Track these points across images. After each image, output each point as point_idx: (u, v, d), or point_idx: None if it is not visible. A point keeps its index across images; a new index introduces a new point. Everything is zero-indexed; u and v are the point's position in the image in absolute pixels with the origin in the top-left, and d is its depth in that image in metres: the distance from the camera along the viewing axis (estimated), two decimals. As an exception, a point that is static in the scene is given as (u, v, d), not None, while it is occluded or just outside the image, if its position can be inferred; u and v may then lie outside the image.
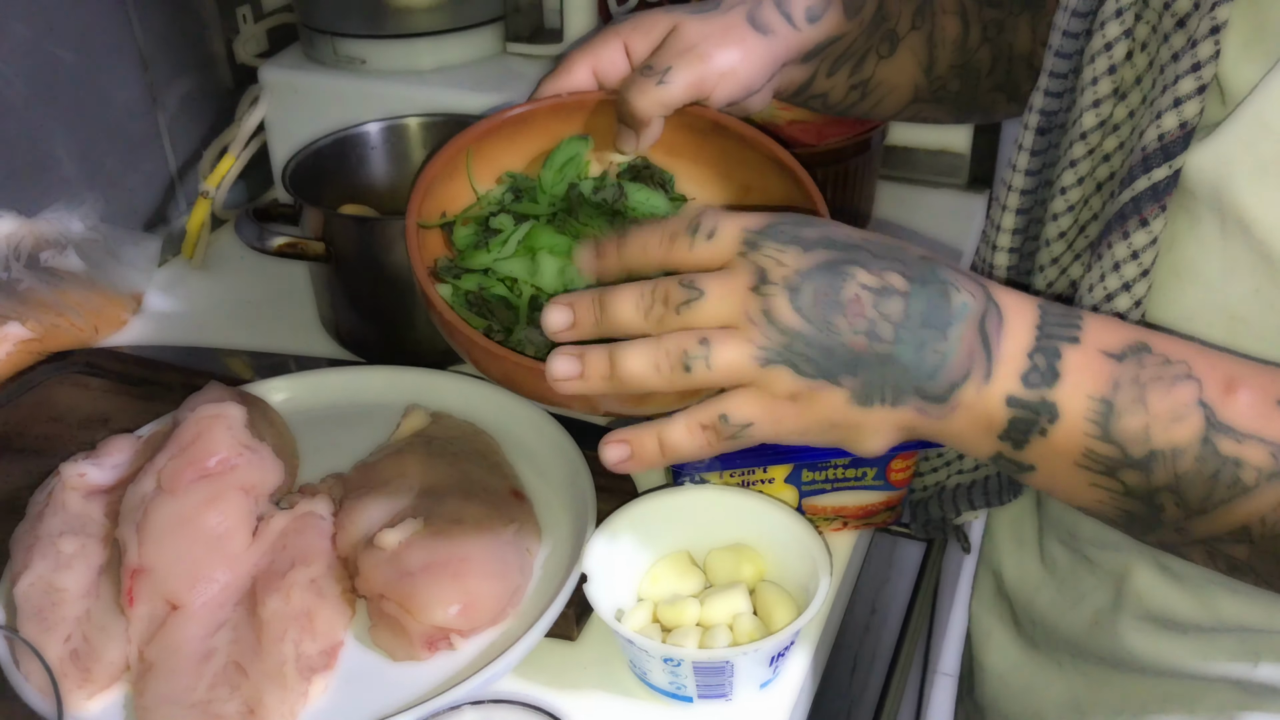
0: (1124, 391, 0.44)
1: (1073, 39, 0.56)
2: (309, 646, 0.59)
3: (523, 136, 0.63)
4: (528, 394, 0.53)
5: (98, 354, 0.86)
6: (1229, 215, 0.50)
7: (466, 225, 0.61)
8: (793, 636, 0.58)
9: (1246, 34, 0.48)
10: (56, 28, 0.88)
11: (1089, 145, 0.56)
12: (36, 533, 0.64)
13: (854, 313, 0.45)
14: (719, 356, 0.46)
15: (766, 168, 0.62)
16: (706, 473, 0.65)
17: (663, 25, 0.61)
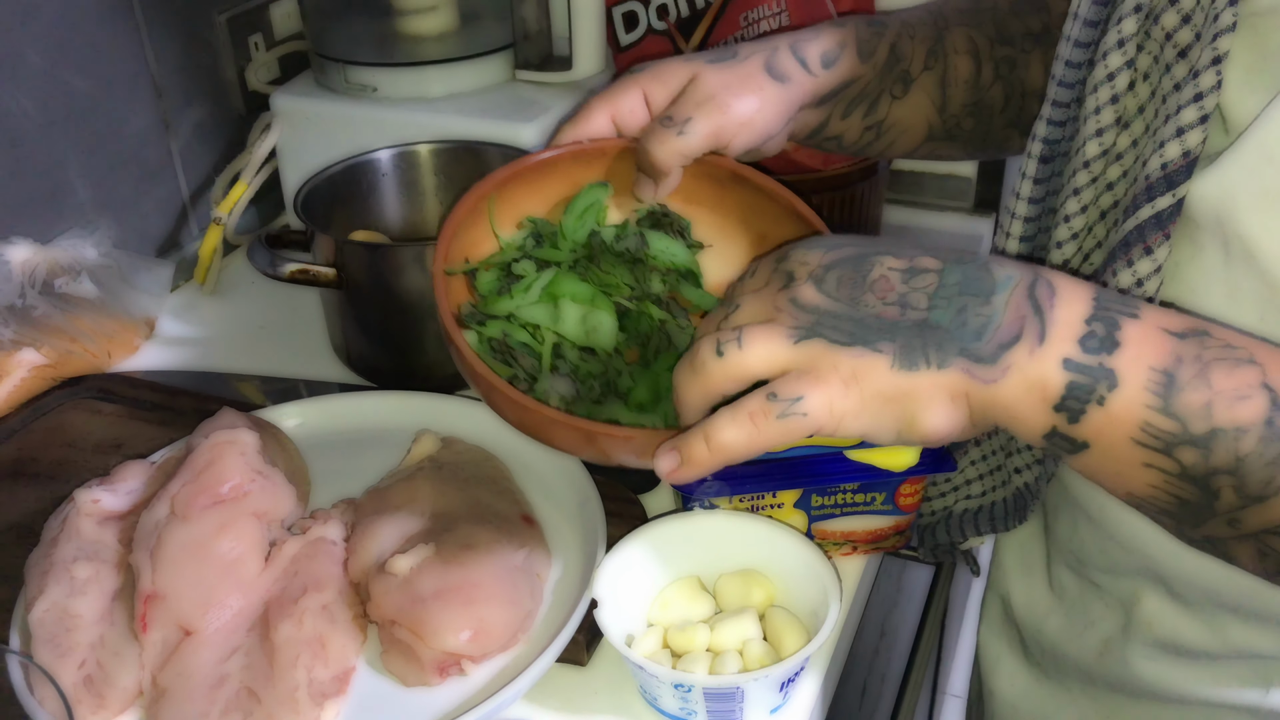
0: (1186, 367, 0.42)
1: (1075, 69, 0.57)
2: (321, 672, 0.59)
3: (544, 182, 0.63)
4: (551, 444, 0.53)
5: (111, 379, 0.87)
6: (1233, 243, 0.50)
7: (489, 271, 0.61)
8: (803, 662, 0.58)
9: (1248, 64, 0.49)
10: (71, 56, 0.89)
11: (1092, 173, 0.57)
12: (51, 558, 0.64)
13: (882, 290, 0.45)
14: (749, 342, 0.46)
15: (784, 217, 0.62)
16: (716, 498, 0.66)
17: (681, 75, 0.62)
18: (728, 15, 0.93)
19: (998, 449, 0.70)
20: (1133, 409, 0.43)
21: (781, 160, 0.94)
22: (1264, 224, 0.49)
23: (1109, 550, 0.63)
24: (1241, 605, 0.58)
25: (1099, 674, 0.66)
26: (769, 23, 0.92)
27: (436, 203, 0.94)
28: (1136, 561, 0.61)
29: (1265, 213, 0.49)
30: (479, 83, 0.98)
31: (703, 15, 0.94)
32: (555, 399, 0.56)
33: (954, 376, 0.44)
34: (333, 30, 1.01)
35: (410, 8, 0.98)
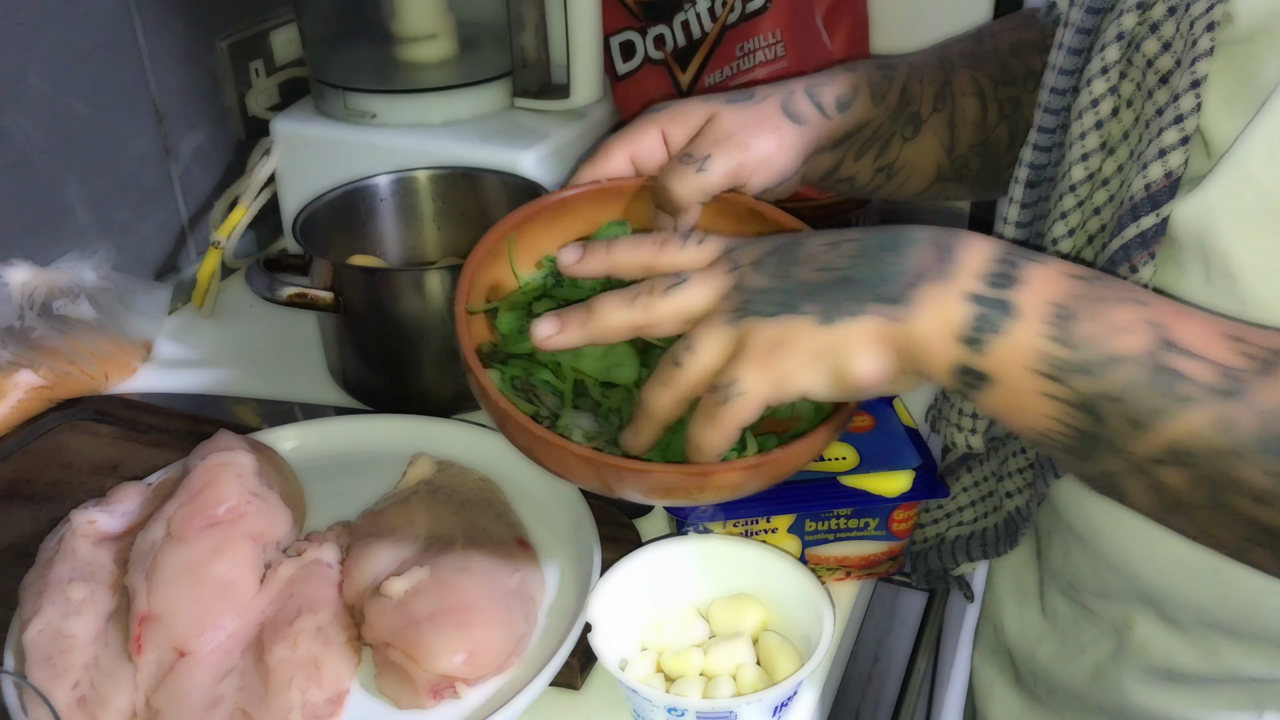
0: (1082, 302, 0.45)
1: (1060, 95, 0.58)
2: (315, 694, 0.59)
3: (562, 221, 0.63)
4: (578, 481, 0.54)
5: (108, 401, 0.87)
6: (1214, 264, 0.51)
7: (510, 311, 0.61)
8: (796, 686, 0.58)
9: (1229, 90, 0.50)
10: (73, 81, 0.90)
11: (1078, 197, 0.58)
12: (46, 579, 0.64)
13: (810, 262, 0.49)
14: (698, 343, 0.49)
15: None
16: (710, 522, 0.66)
17: (700, 114, 0.63)
18: (723, 45, 0.94)
19: (989, 475, 0.70)
20: (1031, 339, 0.45)
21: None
22: (1243, 243, 0.50)
23: (1101, 573, 0.63)
24: (1234, 627, 0.58)
25: (1092, 700, 0.66)
26: (764, 53, 0.93)
27: (434, 228, 0.94)
28: (1129, 585, 0.62)
29: (1243, 232, 0.50)
30: (477, 110, 0.99)
31: (699, 45, 0.95)
32: (578, 435, 0.57)
33: (872, 322, 0.47)
34: (333, 57, 1.02)
35: (410, 35, 0.99)
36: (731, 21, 0.93)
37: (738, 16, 0.93)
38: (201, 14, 1.01)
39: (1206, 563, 0.54)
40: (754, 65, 0.93)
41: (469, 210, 0.93)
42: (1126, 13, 0.54)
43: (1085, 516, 0.63)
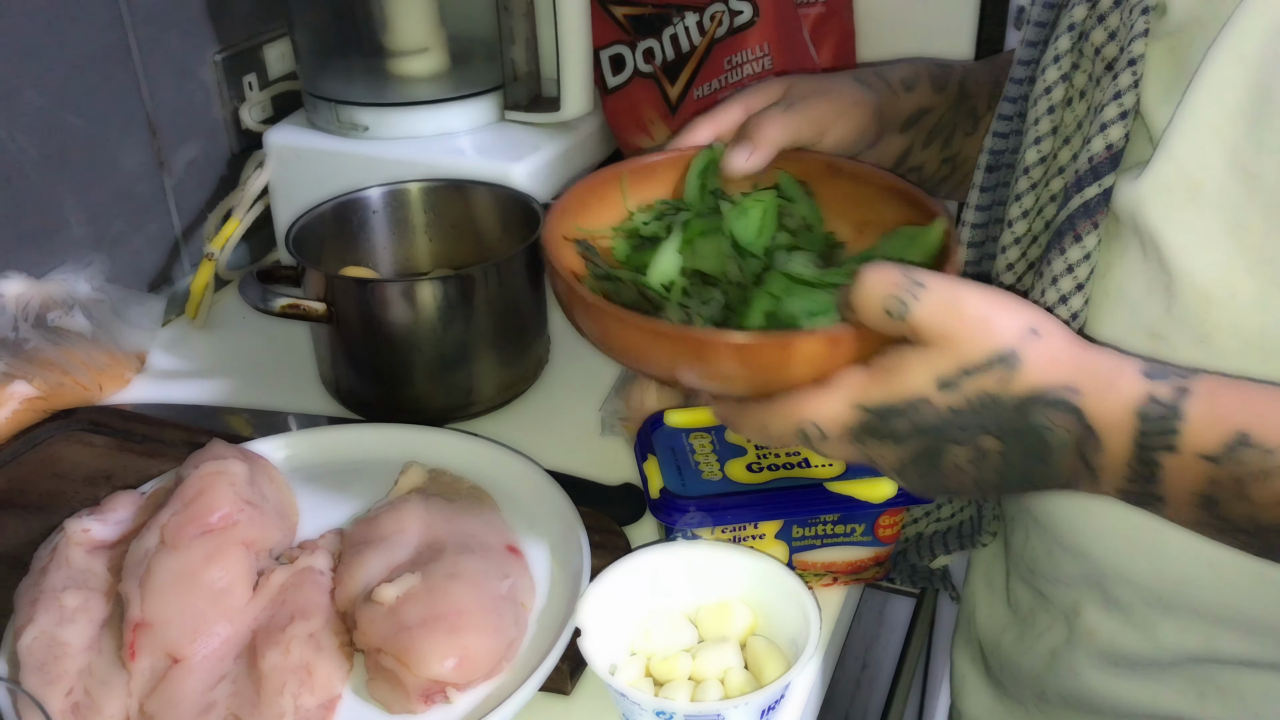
0: (1224, 488, 0.46)
1: (1018, 85, 0.61)
2: (307, 700, 0.60)
3: (646, 185, 0.66)
4: (653, 362, 0.53)
5: (102, 412, 0.88)
6: (1146, 240, 0.54)
7: (619, 239, 0.64)
8: (783, 689, 0.59)
9: (1168, 78, 0.53)
10: (68, 94, 0.91)
11: (1031, 179, 0.61)
12: (40, 587, 0.65)
13: (955, 479, 0.50)
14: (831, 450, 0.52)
15: (881, 200, 0.63)
16: (698, 529, 0.67)
17: (779, 85, 0.67)
18: (712, 59, 0.95)
19: None
20: (1182, 513, 0.48)
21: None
22: (1165, 216, 0.53)
23: (1055, 556, 0.65)
24: (1171, 601, 0.60)
25: (1051, 688, 0.68)
26: (752, 66, 0.94)
27: (426, 240, 0.95)
28: (1079, 567, 0.64)
29: (1166, 206, 0.53)
30: (469, 123, 1.00)
31: (688, 59, 0.96)
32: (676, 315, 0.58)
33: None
34: (325, 71, 1.03)
35: (402, 49, 1.01)
36: (720, 35, 0.94)
37: (726, 30, 0.94)
38: (195, 28, 1.02)
39: (1147, 536, 0.58)
40: (742, 78, 0.94)
41: (460, 222, 0.94)
42: (1077, 5, 0.57)
43: (1042, 500, 0.64)
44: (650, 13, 0.96)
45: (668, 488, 0.68)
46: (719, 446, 0.72)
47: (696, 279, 0.60)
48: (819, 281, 0.56)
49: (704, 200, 0.65)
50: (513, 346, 0.87)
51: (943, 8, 1.03)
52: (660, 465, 0.70)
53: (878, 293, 0.47)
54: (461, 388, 0.85)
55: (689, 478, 0.69)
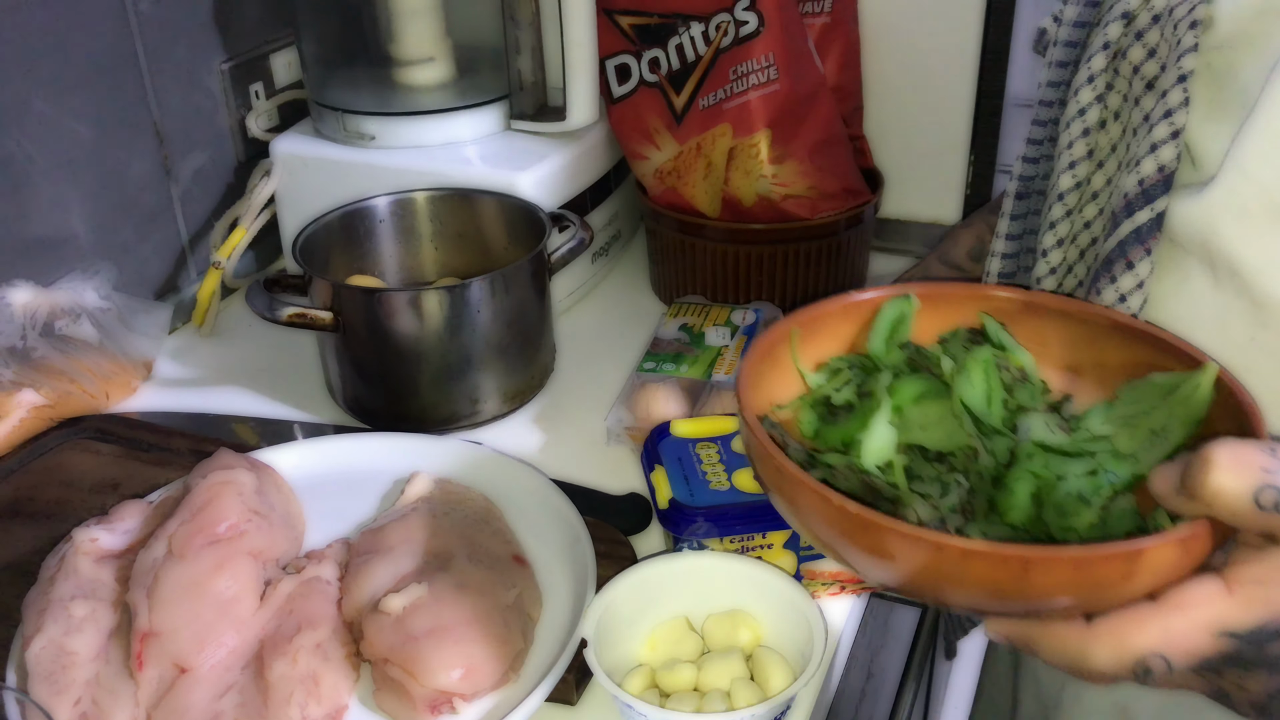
0: None
1: (1048, 107, 0.60)
2: (314, 710, 0.60)
3: (814, 340, 0.58)
4: (956, 590, 0.43)
5: (109, 420, 0.88)
6: (1220, 265, 0.51)
7: (805, 410, 0.56)
8: (788, 701, 0.59)
9: (1208, 99, 0.51)
10: (75, 103, 0.91)
11: (1066, 206, 0.59)
12: (48, 597, 0.65)
13: None
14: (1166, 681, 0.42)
15: (1100, 340, 0.54)
16: (706, 539, 0.67)
17: None
18: (717, 69, 0.95)
19: None
20: None
21: (769, 209, 0.97)
22: (1247, 241, 0.50)
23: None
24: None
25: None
26: (757, 76, 0.94)
27: (432, 248, 0.96)
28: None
29: (1246, 229, 0.50)
30: (475, 132, 1.00)
31: (693, 68, 0.96)
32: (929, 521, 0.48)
33: None
34: (332, 80, 1.03)
35: (408, 59, 1.01)
36: (725, 45, 0.95)
37: (731, 40, 0.94)
38: (202, 37, 1.03)
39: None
40: (747, 88, 0.94)
41: (466, 231, 0.95)
42: (1111, 23, 0.55)
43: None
44: (656, 23, 0.97)
45: (676, 498, 0.68)
46: (726, 456, 0.72)
47: (915, 454, 0.52)
48: (1077, 450, 0.49)
49: (893, 355, 0.56)
50: (519, 355, 0.87)
51: (948, 18, 1.03)
52: (668, 475, 0.70)
53: (1244, 480, 0.39)
54: (467, 397, 0.86)
55: (696, 487, 0.69)
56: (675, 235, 1.00)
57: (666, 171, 0.99)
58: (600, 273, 1.07)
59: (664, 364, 0.83)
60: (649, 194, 1.01)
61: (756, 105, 0.95)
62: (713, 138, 0.96)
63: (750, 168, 0.96)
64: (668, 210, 0.99)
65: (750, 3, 0.93)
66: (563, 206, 0.97)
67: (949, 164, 1.09)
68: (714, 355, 0.84)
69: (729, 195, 0.97)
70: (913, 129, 1.09)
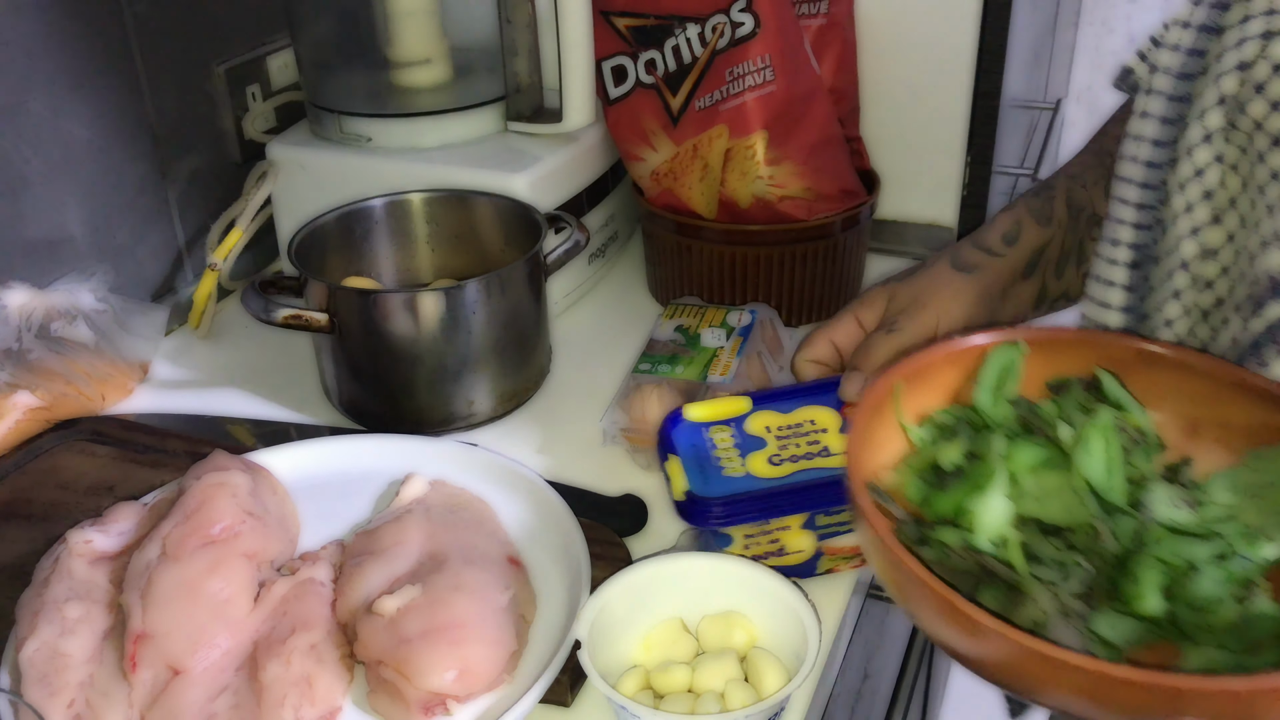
0: None
1: (1156, 169, 0.56)
2: (308, 712, 0.60)
3: (917, 391, 0.56)
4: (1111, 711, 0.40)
5: (105, 422, 0.88)
6: None
7: (909, 476, 0.53)
8: (783, 702, 0.59)
9: None
10: (71, 105, 0.91)
11: (1191, 274, 0.56)
12: (42, 598, 0.65)
13: None
14: None
15: (1220, 397, 0.52)
16: (725, 528, 0.66)
17: (882, 295, 0.70)
18: (714, 70, 0.95)
19: None
20: None
21: (766, 211, 0.97)
22: None
23: None
24: None
25: None
26: (754, 77, 0.94)
27: (428, 250, 0.96)
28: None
29: None
30: (471, 134, 1.00)
31: (689, 70, 0.96)
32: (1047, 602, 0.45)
33: None
34: (328, 82, 1.03)
35: (405, 60, 1.01)
36: (721, 46, 0.95)
37: (727, 42, 0.94)
38: (198, 39, 1.03)
39: None
40: (743, 89, 0.94)
41: (462, 232, 0.95)
42: (1225, 75, 0.52)
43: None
44: (652, 24, 0.97)
45: (692, 489, 0.67)
46: (740, 439, 0.70)
47: (1031, 527, 0.49)
48: (1205, 532, 0.46)
49: (1000, 408, 0.54)
50: (514, 357, 0.87)
51: (944, 19, 1.03)
52: (683, 465, 0.69)
53: None
54: (463, 398, 0.86)
55: (711, 476, 0.68)
56: (672, 237, 1.00)
57: (663, 173, 0.99)
58: (597, 274, 1.07)
59: (659, 365, 0.83)
60: (645, 195, 1.01)
61: (753, 107, 0.95)
62: (709, 139, 0.96)
63: (747, 169, 0.96)
64: (664, 212, 0.99)
65: (746, 4, 0.93)
66: (559, 208, 0.97)
67: (945, 165, 1.09)
68: (709, 356, 0.84)
69: (725, 197, 0.97)
70: (909, 130, 1.09)
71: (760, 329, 0.88)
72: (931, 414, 0.55)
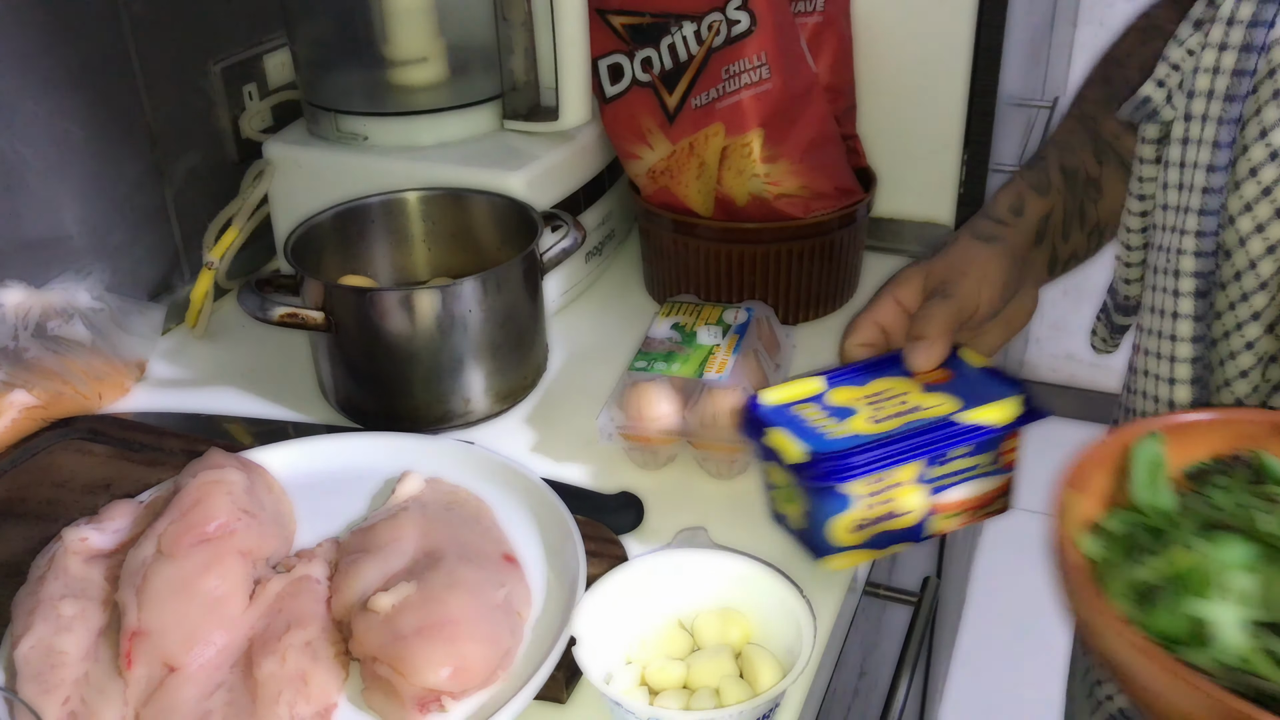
0: None
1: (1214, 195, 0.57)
2: (303, 708, 0.60)
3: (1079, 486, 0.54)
4: None
5: (101, 420, 0.88)
6: None
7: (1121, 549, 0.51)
8: (777, 698, 0.59)
9: None
10: (68, 104, 0.92)
11: (1271, 293, 0.56)
12: (38, 596, 0.65)
13: None
14: None
15: None
16: (853, 479, 0.64)
17: (917, 274, 0.72)
18: (709, 68, 0.95)
19: None
20: None
21: (762, 208, 0.97)
22: None
23: None
24: None
25: None
26: (750, 75, 0.94)
27: (424, 248, 0.96)
28: None
29: None
30: (467, 132, 1.00)
31: (685, 68, 0.96)
32: None
33: None
34: (325, 80, 1.03)
35: (401, 59, 1.01)
36: (717, 45, 0.95)
37: (723, 40, 0.95)
38: (195, 38, 1.03)
39: None
40: (739, 87, 0.94)
41: (459, 231, 0.95)
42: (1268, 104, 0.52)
43: None
44: (648, 22, 0.97)
45: (813, 449, 0.65)
46: (829, 410, 0.69)
47: (1264, 632, 0.46)
48: None
49: (1159, 498, 0.52)
50: (511, 355, 0.87)
51: (940, 17, 1.03)
52: (789, 433, 0.67)
53: None
54: (459, 396, 0.86)
55: (817, 440, 0.66)
56: (668, 235, 1.00)
57: (659, 171, 0.99)
58: (594, 272, 1.07)
59: (655, 363, 0.83)
60: (642, 194, 1.01)
61: (749, 104, 0.95)
62: (705, 137, 0.96)
63: (743, 167, 0.96)
64: (661, 210, 0.99)
65: (742, 2, 0.93)
66: (556, 206, 0.97)
67: (942, 163, 1.09)
68: (705, 354, 0.84)
69: (722, 195, 0.97)
70: (905, 128, 1.09)
71: (756, 326, 0.88)
72: (1098, 522, 0.53)
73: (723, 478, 0.81)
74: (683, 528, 0.73)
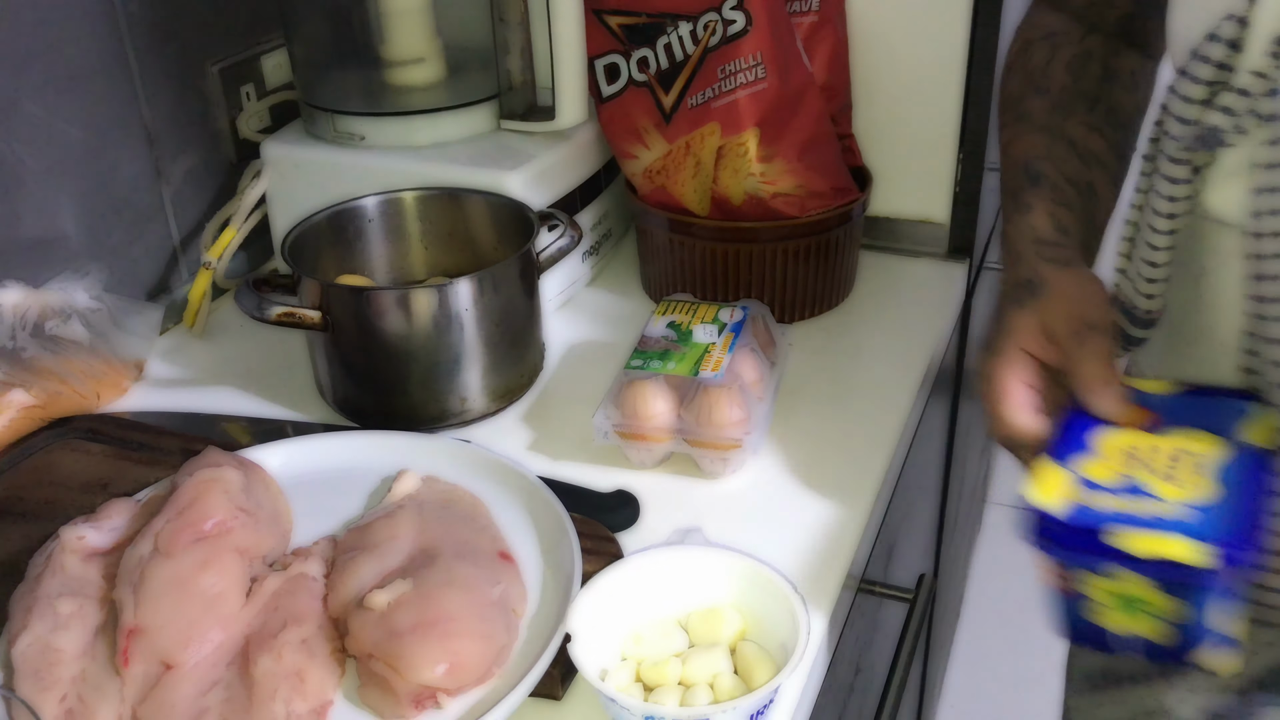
0: None
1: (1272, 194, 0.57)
2: (299, 705, 0.60)
3: None
4: None
5: (99, 420, 0.89)
6: None
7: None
8: (771, 694, 0.59)
9: None
10: (66, 105, 0.92)
11: None
12: (35, 594, 0.65)
13: None
14: None
15: None
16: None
17: (1030, 320, 0.66)
18: (706, 68, 0.95)
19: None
20: None
21: (758, 208, 0.97)
22: None
23: None
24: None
25: None
26: (745, 75, 0.94)
27: (421, 248, 0.96)
28: None
29: None
30: (464, 132, 1.01)
31: (682, 68, 0.97)
32: None
33: None
34: (322, 81, 1.03)
35: (398, 59, 1.01)
36: (713, 44, 0.95)
37: (719, 39, 0.95)
38: (192, 39, 1.03)
39: None
40: (735, 87, 0.95)
41: (456, 230, 0.95)
42: None
43: None
44: (644, 22, 0.97)
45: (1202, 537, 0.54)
46: (1106, 489, 0.59)
47: None
48: None
49: None
50: (507, 354, 0.88)
51: (936, 17, 1.04)
52: (1150, 530, 0.56)
53: None
54: (456, 395, 0.86)
55: (1181, 529, 0.55)
56: (665, 234, 1.00)
57: (655, 170, 0.99)
58: (591, 272, 1.08)
59: (651, 361, 0.84)
60: (638, 193, 1.02)
61: (745, 104, 0.95)
62: (701, 137, 0.97)
63: (739, 166, 0.96)
64: (657, 209, 1.00)
65: (738, 2, 0.94)
66: (553, 206, 0.97)
67: (938, 162, 1.10)
68: (701, 352, 0.84)
69: (718, 194, 0.97)
70: (901, 127, 1.09)
71: (752, 325, 0.88)
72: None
73: (718, 476, 0.81)
74: (678, 526, 0.73)
